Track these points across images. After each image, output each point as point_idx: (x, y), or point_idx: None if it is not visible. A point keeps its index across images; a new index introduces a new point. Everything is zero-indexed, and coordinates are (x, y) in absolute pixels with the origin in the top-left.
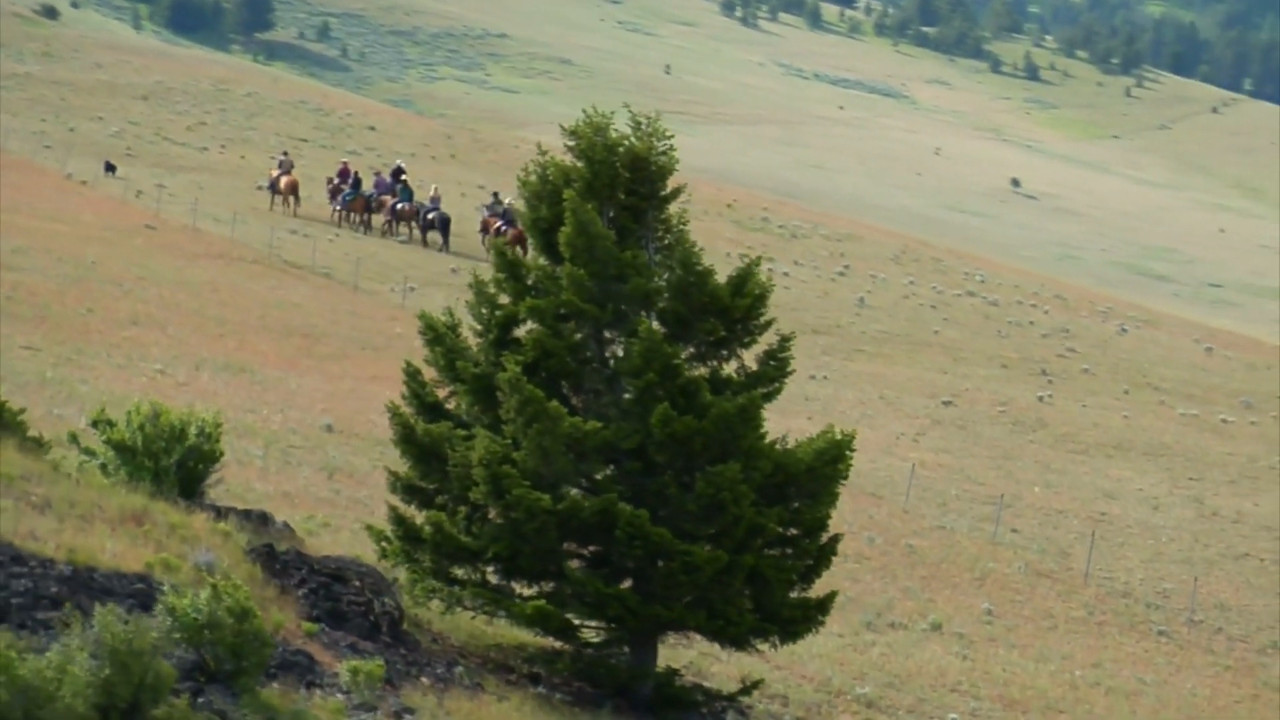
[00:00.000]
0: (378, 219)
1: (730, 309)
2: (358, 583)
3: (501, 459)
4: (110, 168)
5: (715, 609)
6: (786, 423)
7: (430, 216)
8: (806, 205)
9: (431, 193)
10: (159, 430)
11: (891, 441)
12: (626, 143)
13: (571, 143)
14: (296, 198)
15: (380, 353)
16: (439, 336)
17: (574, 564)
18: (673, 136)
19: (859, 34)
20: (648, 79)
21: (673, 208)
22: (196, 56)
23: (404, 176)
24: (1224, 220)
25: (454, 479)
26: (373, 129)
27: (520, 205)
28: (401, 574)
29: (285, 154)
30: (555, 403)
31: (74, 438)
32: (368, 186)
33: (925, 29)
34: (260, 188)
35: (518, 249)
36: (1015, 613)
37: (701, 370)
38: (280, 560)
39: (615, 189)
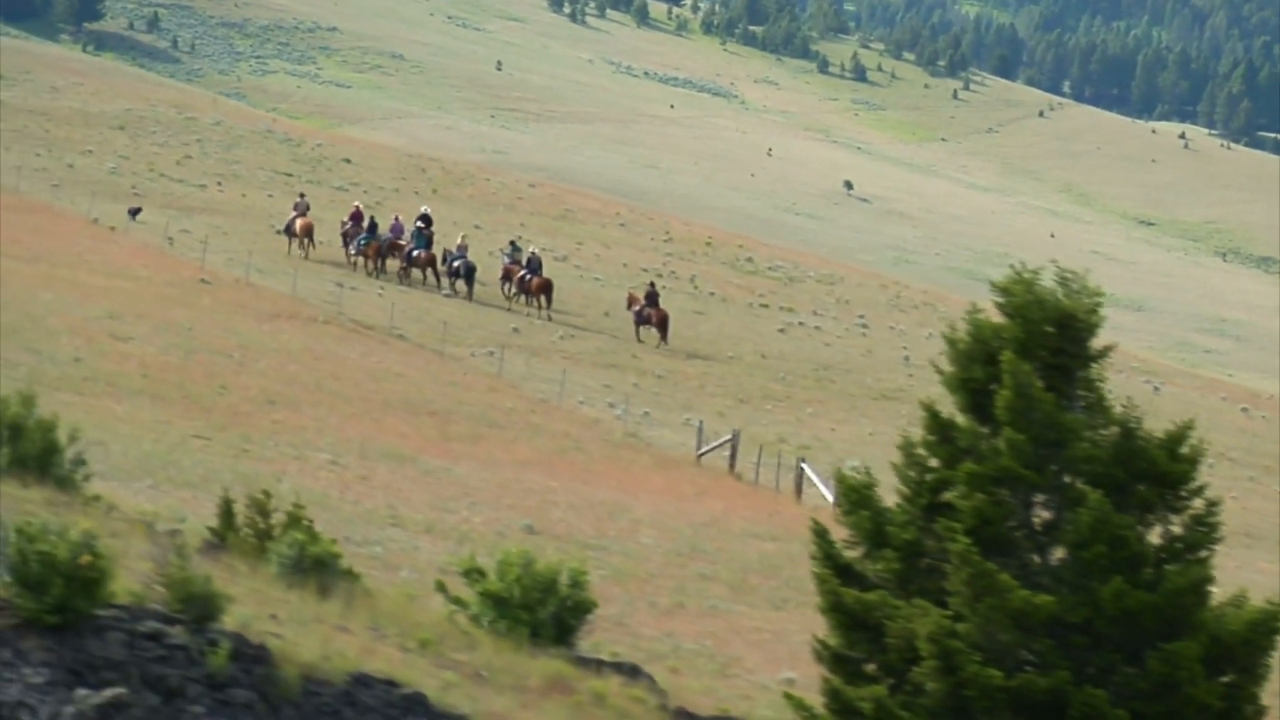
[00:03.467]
0: (392, 264)
1: (1167, 474)
2: None
3: (949, 633)
4: (134, 213)
5: None
6: None
7: (456, 265)
8: (770, 239)
9: (459, 241)
10: (533, 580)
11: None
12: (1053, 298)
13: (1001, 300)
14: (311, 240)
15: (506, 431)
16: (864, 500)
17: None
18: (1102, 294)
19: (687, 32)
20: (480, 75)
21: (1094, 367)
22: (142, 76)
23: (419, 223)
24: (1054, 225)
25: (892, 651)
26: (348, 161)
27: (945, 363)
28: None
29: (302, 195)
30: (1006, 575)
31: (441, 587)
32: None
33: (753, 28)
34: (278, 231)
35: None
36: None
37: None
38: None
39: (1043, 348)
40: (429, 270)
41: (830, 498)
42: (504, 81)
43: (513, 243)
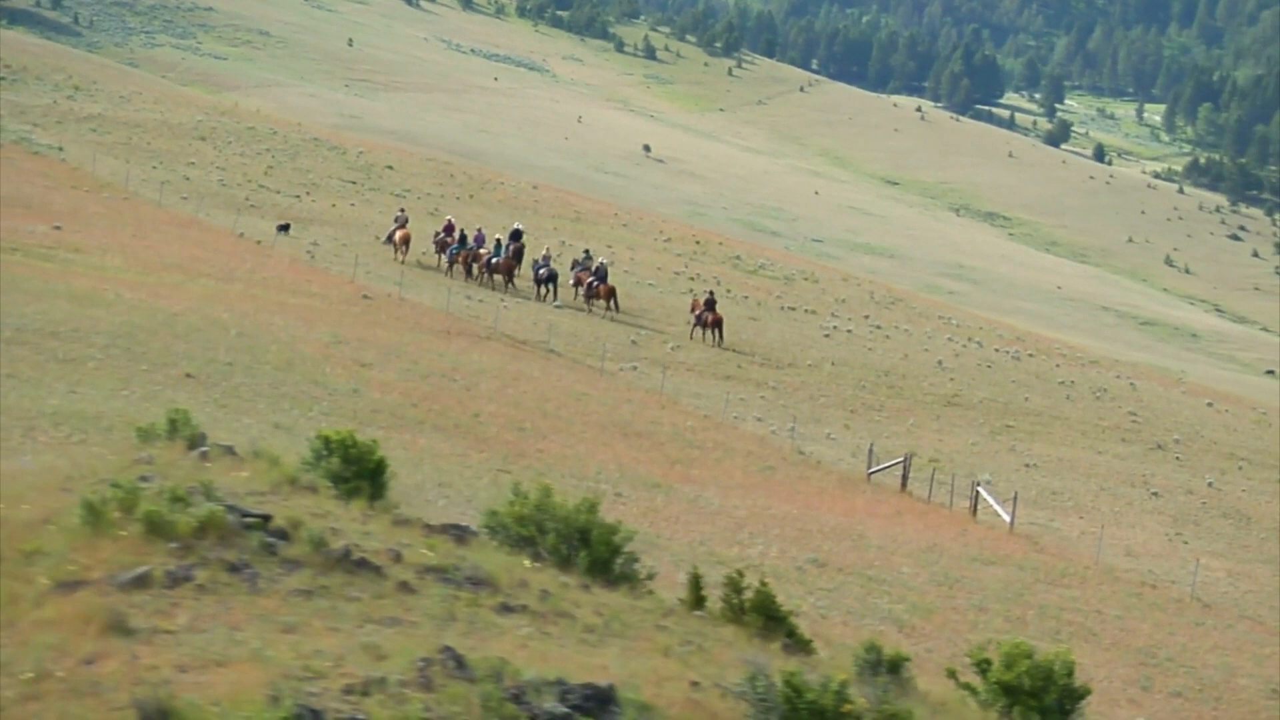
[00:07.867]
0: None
1: None
2: None
3: None
4: (284, 229)
5: None
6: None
7: (541, 272)
8: (589, 194)
9: (544, 251)
10: (1036, 669)
11: (1175, 546)
12: None
13: None
14: (407, 248)
15: (707, 452)
16: None
17: None
18: None
19: (504, 15)
20: (335, 51)
21: None
22: (179, 90)
23: (499, 237)
24: (817, 184)
25: None
26: (390, 168)
27: None
28: None
29: (402, 210)
30: None
31: (953, 674)
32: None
33: (560, 12)
34: (383, 243)
35: None
36: None
37: None
38: None
39: None
40: (508, 276)
41: (1008, 518)
42: (355, 56)
43: (586, 252)
